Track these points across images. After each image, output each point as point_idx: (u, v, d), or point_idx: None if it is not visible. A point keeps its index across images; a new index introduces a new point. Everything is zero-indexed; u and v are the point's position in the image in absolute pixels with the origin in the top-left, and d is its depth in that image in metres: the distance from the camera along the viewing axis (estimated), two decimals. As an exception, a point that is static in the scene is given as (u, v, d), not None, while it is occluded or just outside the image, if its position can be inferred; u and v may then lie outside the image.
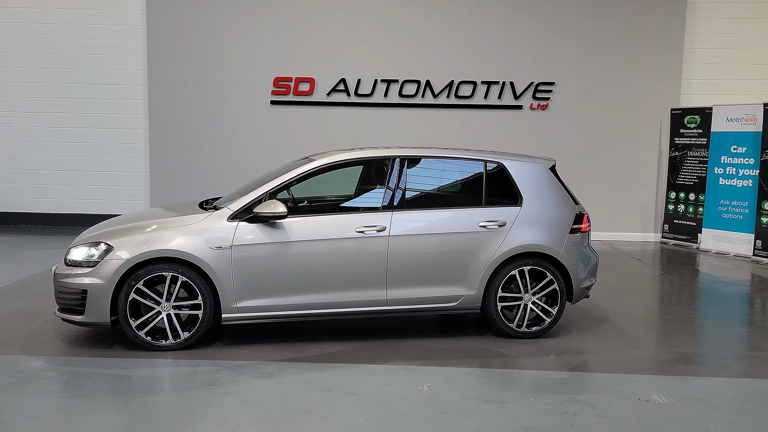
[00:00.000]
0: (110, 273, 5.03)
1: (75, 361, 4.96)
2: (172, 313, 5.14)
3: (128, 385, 4.52)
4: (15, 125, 11.67)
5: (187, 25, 11.30)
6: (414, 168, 5.75)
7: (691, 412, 4.23)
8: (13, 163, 11.72)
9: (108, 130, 11.62)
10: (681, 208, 11.13)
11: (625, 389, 4.59)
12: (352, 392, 4.42)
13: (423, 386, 4.55)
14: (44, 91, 11.56)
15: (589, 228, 5.97)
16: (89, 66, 11.53)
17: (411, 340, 5.56)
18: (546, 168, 5.89)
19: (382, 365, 4.96)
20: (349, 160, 5.67)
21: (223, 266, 5.14)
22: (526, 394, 4.48)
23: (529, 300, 5.63)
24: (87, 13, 11.47)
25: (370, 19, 11.34)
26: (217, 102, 11.44)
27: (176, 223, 5.30)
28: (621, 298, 7.25)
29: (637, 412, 4.20)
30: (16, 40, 11.49)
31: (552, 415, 4.13)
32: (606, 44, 11.30)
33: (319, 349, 5.31)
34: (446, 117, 11.45)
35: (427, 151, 5.92)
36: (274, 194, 5.37)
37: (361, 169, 6.23)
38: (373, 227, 5.37)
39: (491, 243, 5.53)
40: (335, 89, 11.38)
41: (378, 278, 5.39)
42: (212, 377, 4.66)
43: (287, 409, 4.12)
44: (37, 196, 11.77)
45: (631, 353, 5.41)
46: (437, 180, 5.95)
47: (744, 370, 5.06)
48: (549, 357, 5.27)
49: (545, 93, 11.38)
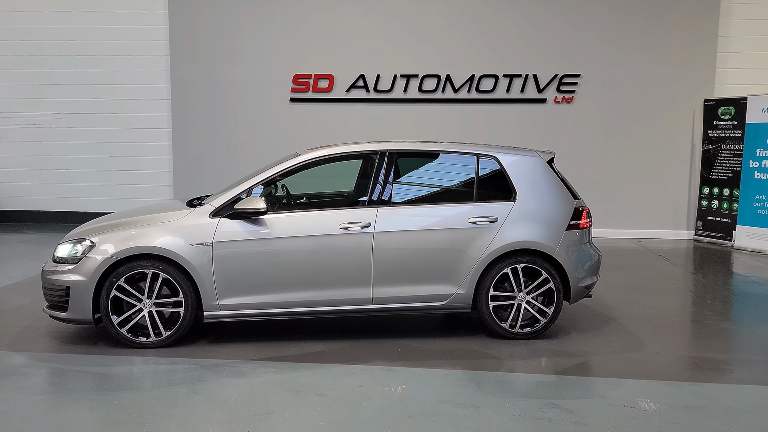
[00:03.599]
0: (92, 270, 5.02)
1: (56, 358, 4.97)
2: (153, 310, 5.11)
3: (100, 382, 4.49)
4: (45, 126, 11.95)
5: (208, 26, 11.35)
6: (403, 163, 5.58)
7: (678, 420, 3.95)
8: (44, 162, 12.00)
9: (133, 130, 11.78)
10: (715, 203, 10.61)
11: (612, 395, 4.33)
12: (321, 393, 4.29)
13: (397, 388, 4.38)
14: (73, 92, 11.79)
15: (590, 224, 5.68)
16: (115, 66, 11.71)
17: (398, 341, 5.39)
18: (543, 162, 5.63)
19: (361, 366, 4.81)
20: (334, 155, 5.54)
21: (203, 263, 5.08)
22: (503, 398, 4.27)
23: (523, 299, 5.39)
24: (113, 15, 11.64)
25: (389, 14, 11.17)
26: (237, 100, 11.47)
27: (159, 220, 5.26)
28: (635, 298, 6.91)
29: (618, 419, 3.94)
30: (46, 43, 11.75)
31: (524, 420, 3.91)
32: (634, 33, 10.85)
33: (301, 348, 5.19)
34: (467, 112, 11.19)
35: (417, 145, 5.74)
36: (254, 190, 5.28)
37: (351, 164, 6.07)
38: (357, 223, 5.22)
39: (482, 240, 5.31)
40: (354, 85, 11.25)
41: (363, 276, 5.23)
42: (185, 375, 4.59)
43: (249, 410, 4.01)
44: (67, 195, 12.02)
45: (630, 356, 5.12)
46: (427, 175, 5.76)
47: (750, 376, 4.72)
48: (539, 359, 5.03)
49: (570, 86, 11.01)
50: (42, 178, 12.02)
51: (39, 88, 11.85)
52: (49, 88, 11.83)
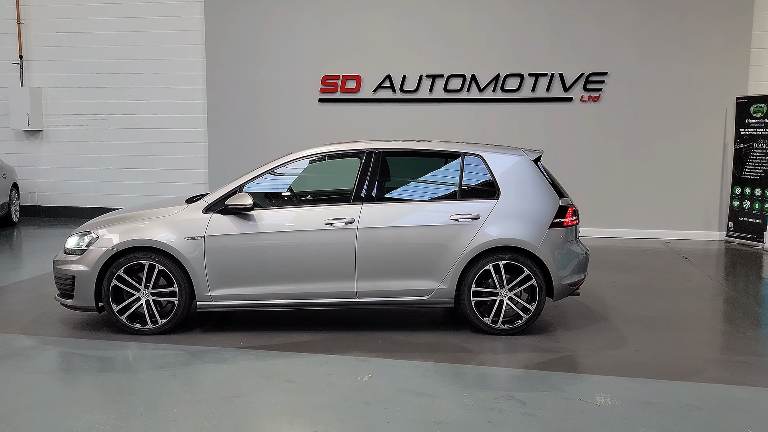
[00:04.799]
0: (94, 260, 5.40)
1: (60, 341, 5.37)
2: (150, 299, 5.45)
3: (92, 364, 4.85)
4: (91, 126, 12.64)
5: (241, 30, 11.77)
6: (389, 161, 5.76)
7: (628, 415, 3.99)
8: (90, 161, 12.70)
9: (171, 130, 12.33)
10: (746, 204, 10.33)
11: (572, 389, 4.40)
12: (290, 380, 4.52)
13: (364, 377, 4.56)
14: (116, 95, 12.44)
15: (576, 222, 5.71)
16: (155, 70, 12.28)
17: (382, 333, 5.57)
18: (529, 160, 5.70)
19: (337, 356, 5.01)
20: (321, 154, 5.77)
21: (196, 256, 5.38)
22: (463, 389, 4.40)
23: (505, 295, 5.49)
24: (153, 20, 12.22)
25: (414, 15, 11.33)
26: (269, 101, 11.85)
27: (157, 215, 5.60)
28: (637, 297, 6.88)
29: (568, 412, 4.02)
30: (92, 48, 12.43)
31: (476, 410, 4.04)
32: (663, 29, 10.66)
33: (287, 338, 5.44)
34: (492, 111, 11.24)
35: (403, 144, 5.90)
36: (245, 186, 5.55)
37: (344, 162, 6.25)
38: (341, 219, 5.43)
39: (463, 236, 5.44)
40: (381, 86, 11.47)
41: (347, 270, 5.44)
42: (170, 360, 4.90)
43: (218, 393, 4.27)
44: (110, 192, 12.67)
45: (607, 354, 5.15)
46: (413, 172, 5.91)
47: (721, 375, 4.69)
48: (513, 354, 5.12)
49: (597, 84, 10.91)
50: (87, 176, 12.72)
51: (85, 90, 12.55)
52: (94, 90, 12.52)
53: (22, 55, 12.66)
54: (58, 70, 12.64)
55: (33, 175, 12.95)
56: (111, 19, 12.37)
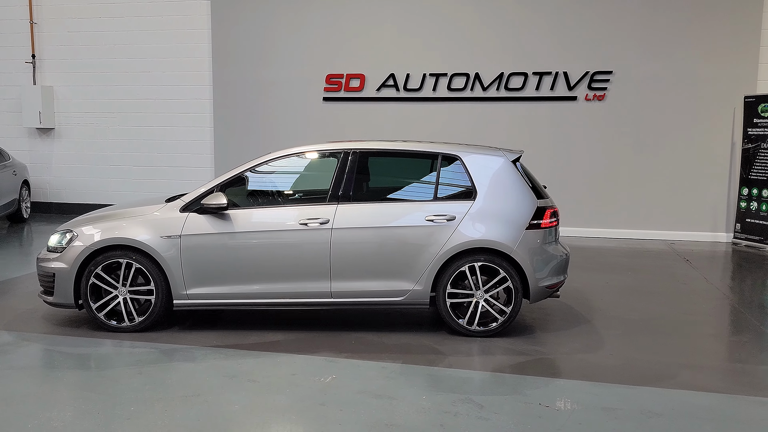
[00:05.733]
0: (73, 258, 5.48)
1: (39, 338, 5.46)
2: (128, 297, 5.51)
3: (64, 361, 4.93)
4: (102, 125, 12.82)
5: (247, 29, 11.83)
6: (366, 161, 5.75)
7: (585, 420, 3.93)
8: (100, 159, 12.89)
9: (179, 128, 12.46)
10: (754, 205, 10.11)
11: (535, 393, 4.35)
12: (253, 380, 4.54)
13: (327, 378, 4.56)
14: (125, 93, 12.60)
15: (555, 223, 5.64)
16: (163, 69, 12.41)
17: (356, 333, 5.57)
18: (507, 161, 5.64)
19: (306, 356, 5.02)
20: (297, 153, 5.78)
21: (172, 254, 5.43)
22: (423, 392, 4.37)
23: (481, 297, 5.45)
24: (161, 19, 12.34)
25: (418, 13, 11.28)
26: (274, 100, 11.90)
27: (136, 213, 5.66)
28: (626, 300, 6.78)
29: (524, 417, 3.98)
30: (102, 47, 12.61)
31: (430, 413, 4.01)
32: (670, 27, 10.47)
33: (261, 337, 5.47)
34: (496, 110, 11.15)
35: (381, 144, 5.88)
36: (224, 187, 5.59)
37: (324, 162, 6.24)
38: (316, 219, 5.43)
39: (439, 237, 5.41)
40: (384, 84, 11.45)
41: (322, 270, 5.44)
42: (141, 358, 4.95)
43: (178, 392, 4.31)
44: (119, 189, 12.84)
45: (579, 358, 5.08)
46: (389, 173, 5.90)
47: (691, 382, 4.59)
48: (485, 356, 5.09)
49: (602, 83, 10.76)
50: (97, 173, 12.91)
51: (96, 89, 12.73)
52: (104, 89, 12.69)
53: (34, 54, 12.89)
54: (69, 69, 12.84)
55: (45, 172, 13.19)
56: (120, 18, 12.52)
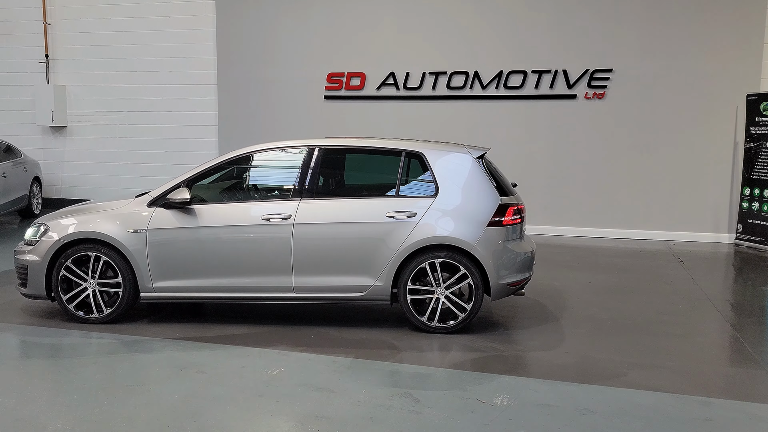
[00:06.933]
0: (44, 251, 5.64)
1: (11, 328, 5.63)
2: (97, 289, 5.65)
3: (26, 350, 5.12)
4: (111, 123, 13.11)
5: (251, 29, 11.98)
6: (330, 158, 5.79)
7: (517, 416, 3.93)
8: (110, 156, 13.18)
9: (185, 126, 12.67)
10: (756, 206, 9.89)
11: (475, 389, 4.35)
12: (201, 371, 4.62)
13: (275, 371, 4.63)
14: (134, 92, 12.87)
15: (519, 221, 5.60)
16: (169, 68, 12.64)
17: (319, 328, 5.62)
18: (472, 158, 5.64)
19: (263, 349, 5.09)
20: (266, 149, 5.86)
21: (139, 248, 5.55)
22: (364, 386, 4.40)
23: (441, 294, 5.45)
24: (168, 19, 12.57)
25: (418, 11, 11.29)
26: (277, 99, 12.03)
27: (107, 208, 5.80)
28: (603, 299, 6.71)
29: (457, 412, 3.98)
30: (112, 47, 12.88)
31: (364, 407, 4.04)
32: (671, 24, 10.30)
33: (224, 330, 5.56)
34: (496, 108, 11.09)
35: (344, 141, 5.92)
36: (191, 182, 5.69)
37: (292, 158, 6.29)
38: (278, 215, 5.50)
39: (399, 234, 5.43)
40: (385, 83, 11.48)
41: (284, 265, 5.51)
42: (100, 348, 5.09)
43: (123, 381, 4.41)
44: (128, 186, 13.05)
45: (533, 355, 5.06)
46: (352, 170, 5.94)
47: (637, 380, 4.54)
48: (439, 352, 5.10)
49: (602, 81, 10.63)
50: (107, 170, 13.21)
51: (106, 88, 13.02)
52: (114, 88, 12.97)
53: (47, 54, 13.22)
54: (81, 69, 13.15)
55: (57, 169, 13.53)
56: (129, 19, 12.78)
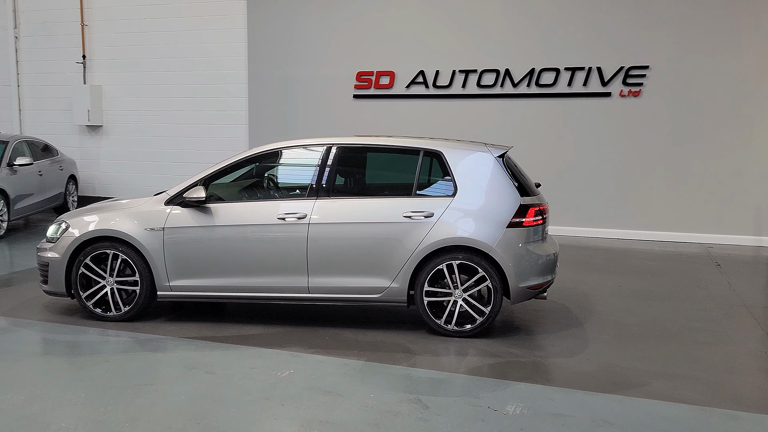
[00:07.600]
0: (64, 248, 5.68)
1: (32, 324, 5.68)
2: (115, 287, 5.66)
3: (42, 347, 5.16)
4: (146, 122, 13.26)
5: (281, 28, 11.97)
6: (346, 156, 5.69)
7: (528, 426, 3.77)
8: (144, 155, 13.33)
9: (216, 126, 12.73)
10: (800, 208, 9.48)
11: (488, 396, 4.20)
12: (211, 372, 4.57)
13: (285, 373, 4.55)
14: (167, 91, 12.99)
15: (540, 222, 5.42)
16: (202, 68, 12.72)
17: (335, 330, 5.53)
18: (492, 157, 5.47)
19: (275, 350, 5.02)
20: (282, 148, 5.79)
21: (155, 247, 5.55)
22: (375, 389, 4.29)
23: (459, 296, 5.31)
24: (201, 19, 12.65)
25: (447, 9, 11.12)
26: (306, 97, 12.00)
27: (126, 206, 5.81)
28: (632, 304, 6.47)
29: (467, 420, 3.84)
30: (146, 48, 13.03)
31: (371, 412, 3.94)
32: (710, 19, 9.92)
33: (239, 330, 5.51)
34: (527, 107, 10.87)
35: (361, 139, 5.83)
36: (207, 181, 5.65)
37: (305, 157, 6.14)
38: (294, 214, 5.42)
39: (416, 234, 5.30)
40: (414, 81, 11.35)
41: (299, 265, 5.43)
42: (115, 347, 5.08)
43: (133, 381, 4.39)
44: (161, 185, 13.12)
45: (553, 362, 4.88)
46: (369, 169, 5.83)
47: (660, 391, 4.32)
48: (455, 357, 4.97)
49: (637, 78, 10.31)
50: (141, 168, 13.37)
51: (141, 88, 13.18)
52: (148, 87, 13.12)
53: (84, 54, 13.45)
54: (116, 69, 13.33)
55: (93, 167, 13.74)
56: (163, 20, 12.90)
